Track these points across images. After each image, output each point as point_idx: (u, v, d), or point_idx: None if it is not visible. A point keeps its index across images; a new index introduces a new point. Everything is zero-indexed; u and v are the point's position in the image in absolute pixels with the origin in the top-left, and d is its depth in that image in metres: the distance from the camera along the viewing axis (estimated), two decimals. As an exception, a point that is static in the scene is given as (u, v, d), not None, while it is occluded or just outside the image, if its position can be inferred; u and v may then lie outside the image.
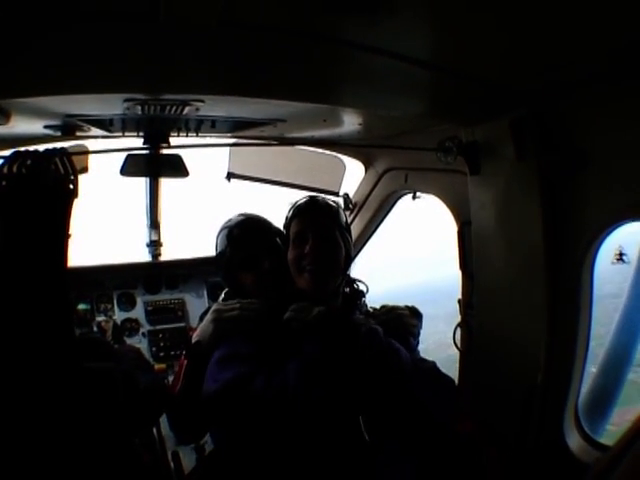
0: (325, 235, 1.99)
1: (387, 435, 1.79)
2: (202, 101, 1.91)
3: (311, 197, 2.12)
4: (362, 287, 2.14)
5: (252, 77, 1.68)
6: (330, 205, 2.09)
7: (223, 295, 2.32)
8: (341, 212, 2.11)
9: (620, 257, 1.96)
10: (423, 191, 2.89)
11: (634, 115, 1.64)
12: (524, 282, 2.08)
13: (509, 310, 2.19)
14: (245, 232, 2.28)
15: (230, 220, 2.37)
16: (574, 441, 2.01)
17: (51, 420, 1.60)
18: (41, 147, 2.50)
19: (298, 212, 2.06)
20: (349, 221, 3.35)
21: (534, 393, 2.05)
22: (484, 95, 1.91)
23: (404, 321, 2.06)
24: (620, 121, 1.70)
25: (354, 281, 2.15)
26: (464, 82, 1.77)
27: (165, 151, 2.78)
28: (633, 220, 1.78)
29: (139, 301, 3.77)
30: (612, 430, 2.61)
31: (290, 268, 2.00)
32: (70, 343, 1.72)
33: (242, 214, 2.40)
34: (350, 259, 2.08)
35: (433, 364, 2.00)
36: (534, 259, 2.01)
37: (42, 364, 1.59)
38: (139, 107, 1.98)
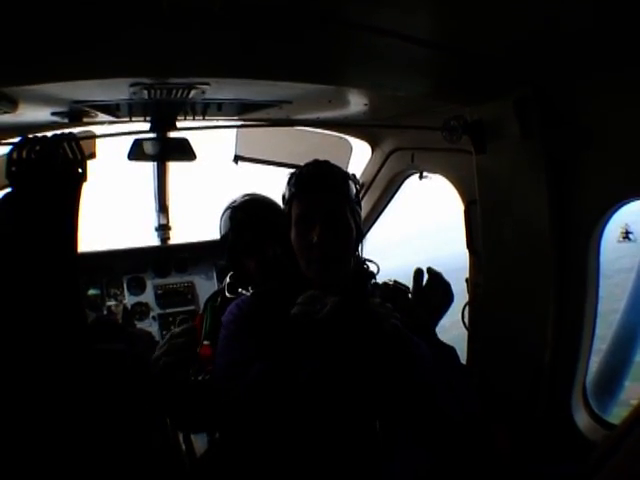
0: (334, 217, 1.74)
1: (399, 425, 1.70)
2: (207, 84, 1.92)
3: (315, 166, 1.83)
4: (373, 267, 1.96)
5: (256, 59, 1.69)
6: (339, 176, 1.81)
7: (228, 279, 2.32)
8: (351, 183, 1.83)
9: (626, 235, 1.95)
10: (429, 171, 2.89)
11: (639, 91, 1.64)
12: (531, 260, 2.09)
13: (516, 288, 2.19)
14: (249, 216, 2.25)
15: (234, 201, 2.35)
16: (582, 419, 2.04)
17: (61, 401, 1.63)
18: (49, 134, 2.54)
19: (301, 188, 1.78)
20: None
21: (542, 371, 2.07)
22: (488, 74, 1.91)
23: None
24: (625, 98, 1.69)
25: (364, 261, 1.94)
26: (468, 61, 1.76)
27: (172, 135, 2.78)
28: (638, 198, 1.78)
29: (149, 285, 3.80)
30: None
31: (296, 254, 1.79)
32: (81, 325, 1.75)
33: (247, 194, 2.38)
34: (361, 238, 1.88)
35: (451, 351, 1.86)
36: (540, 237, 2.02)
37: (53, 345, 1.63)
38: (145, 91, 1.98)
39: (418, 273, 1.98)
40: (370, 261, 1.96)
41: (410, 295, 1.96)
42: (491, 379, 2.33)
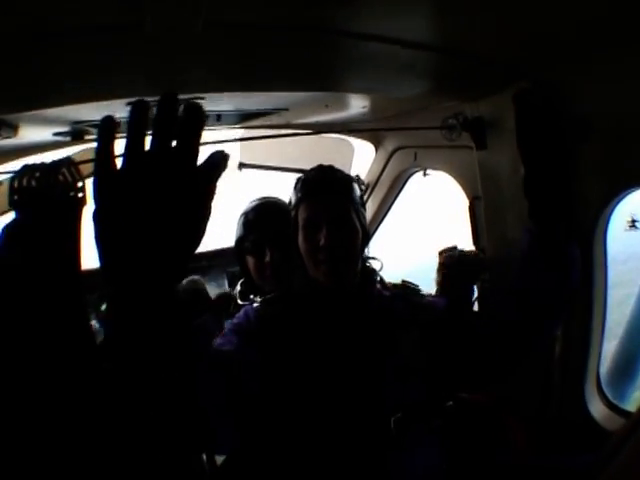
0: (340, 220, 1.77)
1: (412, 417, 1.72)
2: (202, 98, 1.93)
3: (320, 171, 1.87)
4: (376, 264, 1.98)
5: (247, 72, 1.69)
6: (343, 179, 1.86)
7: (239, 287, 2.34)
8: (355, 185, 1.87)
9: (633, 224, 1.94)
10: (433, 168, 2.87)
11: (637, 79, 1.61)
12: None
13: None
14: (257, 216, 2.30)
15: (248, 206, 2.40)
16: (597, 409, 2.03)
17: (70, 423, 1.65)
18: (52, 153, 2.57)
19: (307, 193, 1.82)
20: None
21: (553, 363, 2.06)
22: (485, 70, 1.89)
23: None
24: (624, 87, 1.67)
25: (366, 259, 1.97)
26: (463, 60, 1.75)
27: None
28: (641, 187, 1.77)
29: None
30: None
31: (303, 257, 1.82)
32: (88, 348, 1.77)
33: (259, 198, 2.42)
34: (367, 239, 1.91)
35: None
36: (545, 231, 1.99)
37: (60, 369, 1.65)
38: (142, 109, 1.99)
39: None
40: (373, 258, 1.99)
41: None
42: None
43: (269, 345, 1.73)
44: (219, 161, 0.85)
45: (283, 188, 2.14)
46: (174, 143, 0.80)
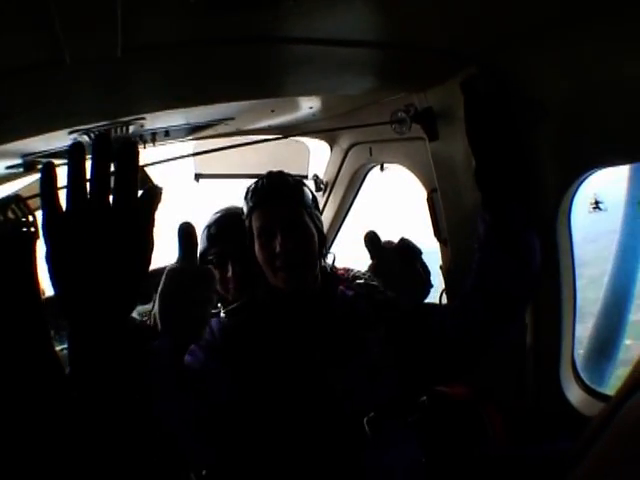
0: (293, 225, 1.77)
1: (385, 415, 1.72)
2: (143, 118, 1.89)
3: (269, 178, 1.85)
4: (329, 258, 1.99)
5: (181, 89, 1.66)
6: (293, 184, 1.86)
7: None
8: (305, 188, 1.88)
9: (596, 205, 1.94)
10: (389, 162, 2.86)
11: (590, 61, 1.59)
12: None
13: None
14: (219, 229, 2.26)
15: (210, 218, 2.36)
16: (574, 395, 2.03)
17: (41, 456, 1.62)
18: (7, 185, 2.53)
19: (258, 201, 1.81)
20: (323, 201, 3.34)
21: (526, 350, 2.06)
22: (431, 60, 1.86)
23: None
24: (576, 68, 1.65)
25: (325, 260, 1.96)
26: (408, 52, 1.72)
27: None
28: (601, 167, 1.76)
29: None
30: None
31: (262, 267, 1.81)
32: (55, 376, 1.73)
33: (221, 210, 2.38)
34: (324, 240, 1.91)
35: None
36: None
37: (28, 403, 1.61)
38: (85, 136, 1.96)
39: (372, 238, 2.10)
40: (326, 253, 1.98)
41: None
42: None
43: (235, 357, 1.72)
44: (155, 195, 0.91)
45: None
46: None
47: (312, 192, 1.91)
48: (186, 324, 1.44)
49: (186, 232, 1.45)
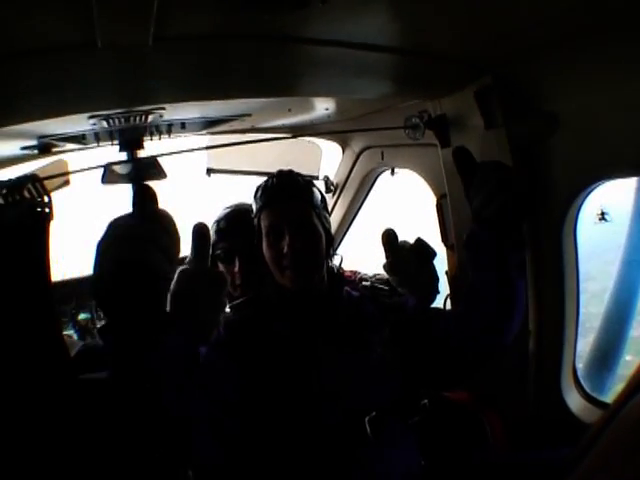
0: (301, 225, 1.79)
1: (386, 415, 1.74)
2: (163, 108, 1.92)
3: (279, 177, 1.86)
4: (336, 259, 2.01)
5: (204, 82, 1.70)
6: (303, 185, 1.87)
7: None
8: (314, 189, 1.89)
9: (602, 217, 1.96)
10: (400, 166, 2.89)
11: (602, 74, 1.63)
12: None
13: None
14: (228, 225, 2.31)
15: (220, 213, 2.41)
16: (575, 402, 2.04)
17: (47, 436, 1.64)
18: (22, 166, 2.56)
19: (267, 200, 1.83)
20: (333, 202, 3.37)
21: (528, 358, 2.08)
22: (447, 69, 1.90)
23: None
24: (588, 81, 1.69)
25: (332, 261, 1.98)
26: (425, 60, 1.76)
27: (142, 155, 2.78)
28: (609, 179, 1.79)
29: None
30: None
31: (269, 265, 1.83)
32: (61, 358, 1.76)
33: (231, 205, 2.43)
34: (331, 241, 1.92)
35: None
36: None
37: (34, 382, 1.64)
38: (104, 122, 1.99)
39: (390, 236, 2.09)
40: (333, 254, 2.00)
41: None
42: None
43: (240, 353, 1.73)
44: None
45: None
46: None
47: (321, 193, 1.93)
48: (198, 327, 1.46)
49: (200, 233, 1.48)
